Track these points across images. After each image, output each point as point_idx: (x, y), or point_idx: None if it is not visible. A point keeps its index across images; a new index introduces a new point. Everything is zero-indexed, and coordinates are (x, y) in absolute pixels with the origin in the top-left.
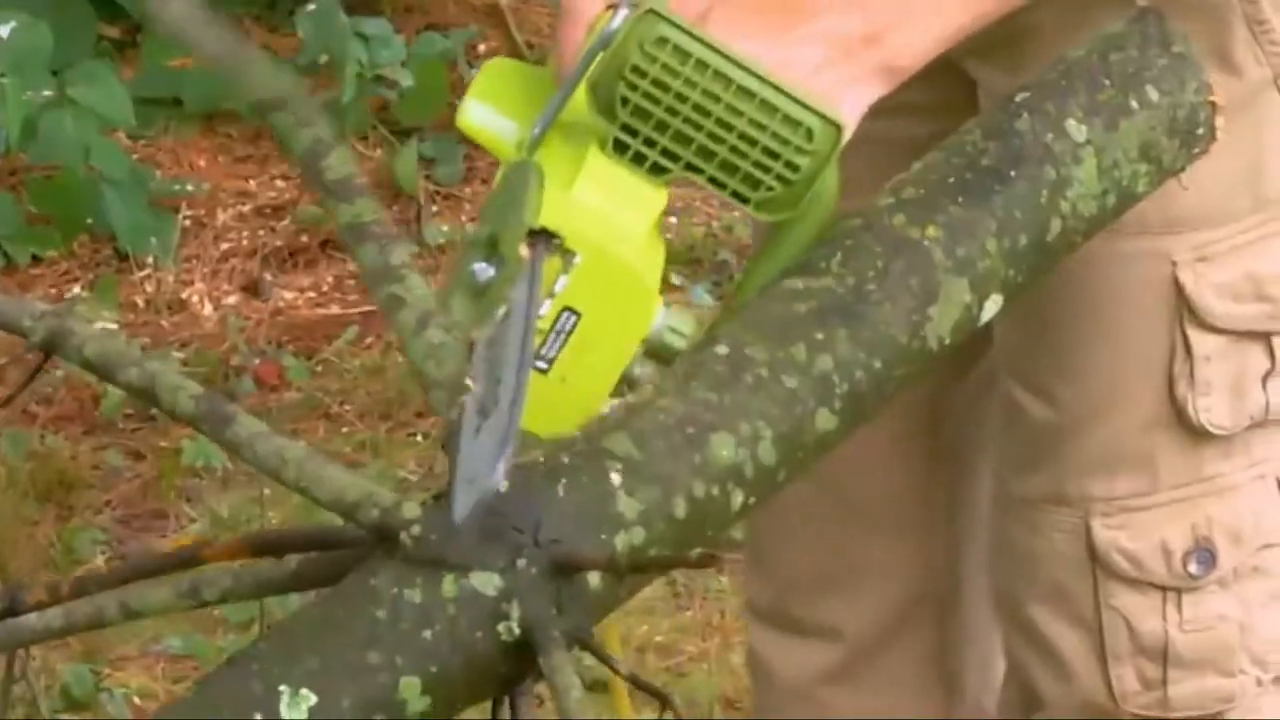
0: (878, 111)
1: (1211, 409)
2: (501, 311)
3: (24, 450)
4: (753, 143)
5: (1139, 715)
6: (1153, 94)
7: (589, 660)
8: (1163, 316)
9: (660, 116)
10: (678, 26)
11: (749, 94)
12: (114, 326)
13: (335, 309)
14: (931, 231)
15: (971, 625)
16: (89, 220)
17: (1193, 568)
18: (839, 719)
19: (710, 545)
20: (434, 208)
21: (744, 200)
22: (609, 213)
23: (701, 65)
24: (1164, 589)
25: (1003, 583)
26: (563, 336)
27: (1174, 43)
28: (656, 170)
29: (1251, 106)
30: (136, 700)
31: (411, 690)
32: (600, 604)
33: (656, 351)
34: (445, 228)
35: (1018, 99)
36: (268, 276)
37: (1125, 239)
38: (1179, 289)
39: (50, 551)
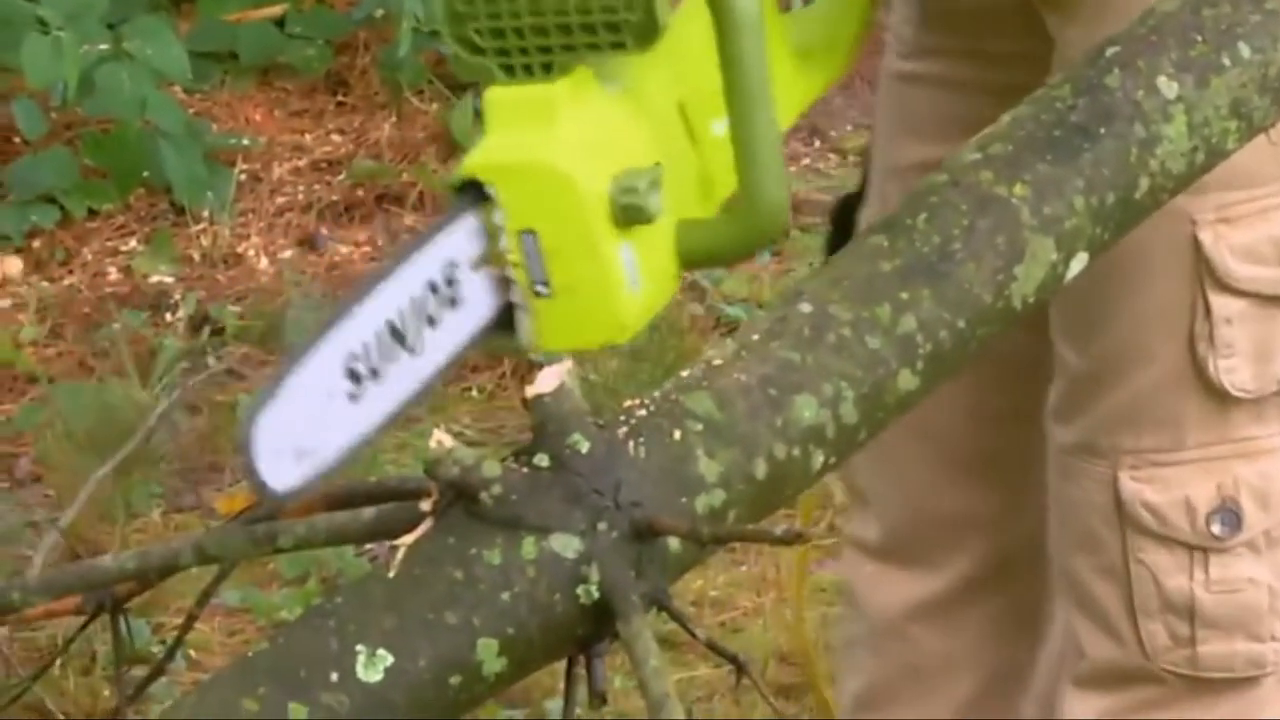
0: (956, 55)
1: (1234, 370)
2: None
3: (81, 403)
4: None
5: (1172, 671)
6: (1245, 50)
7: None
8: (1183, 275)
9: (508, 24)
10: None
11: None
12: None
13: None
14: (1019, 189)
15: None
16: (145, 174)
17: (1216, 528)
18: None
19: (787, 505)
20: None
21: (622, 45)
22: (505, 131)
23: None
24: (1190, 547)
25: (1054, 534)
26: (538, 256)
27: None
28: (546, 69)
29: None
30: (192, 653)
31: (489, 651)
32: (679, 565)
33: (630, 218)
34: None
35: (1108, 54)
36: (323, 230)
37: None
38: (1198, 248)
39: (108, 505)
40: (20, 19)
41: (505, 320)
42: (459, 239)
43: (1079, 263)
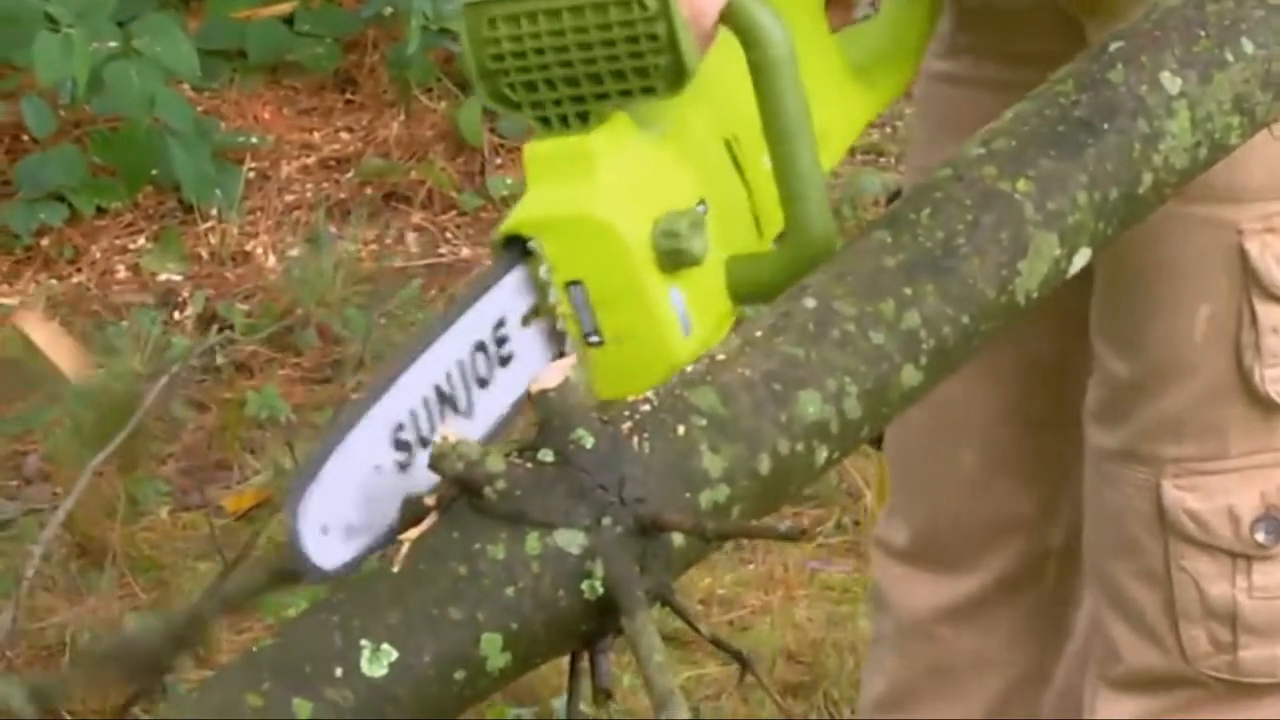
0: (989, 54)
1: None
2: None
3: (88, 401)
4: (612, 43)
5: (1213, 676)
6: (1248, 46)
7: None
8: (1229, 285)
9: (539, 77)
10: (491, 1)
11: (577, 9)
12: None
13: (398, 261)
14: (1022, 185)
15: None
16: (153, 172)
17: (1260, 536)
18: (955, 655)
19: (792, 501)
20: (498, 160)
21: (652, 90)
22: (545, 185)
23: (530, 15)
24: (1234, 555)
25: (1090, 537)
26: (587, 307)
27: None
28: (582, 119)
29: None
30: (199, 649)
31: (493, 646)
32: (683, 561)
33: (675, 261)
34: (509, 180)
35: (1111, 49)
36: (331, 229)
37: (1191, 204)
38: (1244, 258)
39: (115, 502)
40: (29, 16)
41: None
42: (506, 296)
43: (1082, 258)
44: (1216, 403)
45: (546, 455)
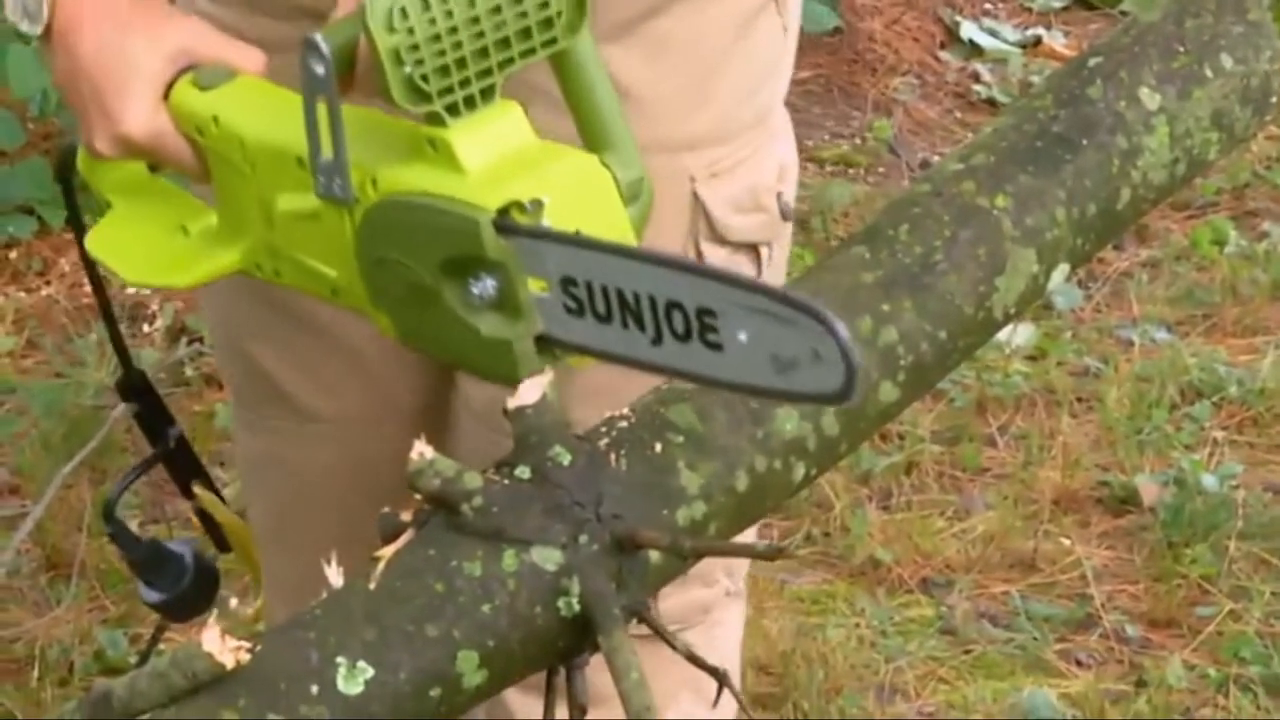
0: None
1: None
2: None
3: (57, 413)
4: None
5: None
6: (1227, 61)
7: None
8: (679, 233)
9: (453, 58)
10: None
11: None
12: None
13: None
14: (1000, 200)
15: None
16: None
17: None
18: None
19: (768, 516)
20: None
21: (554, 42)
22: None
23: None
24: None
25: None
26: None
27: (1249, 9)
28: (485, 96)
29: (757, 21)
30: None
31: (469, 663)
32: (659, 577)
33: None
34: None
35: (1090, 64)
36: None
37: (649, 156)
38: (699, 205)
39: (84, 515)
40: (0, 31)
41: None
42: None
43: (1060, 273)
44: None
45: (523, 472)
